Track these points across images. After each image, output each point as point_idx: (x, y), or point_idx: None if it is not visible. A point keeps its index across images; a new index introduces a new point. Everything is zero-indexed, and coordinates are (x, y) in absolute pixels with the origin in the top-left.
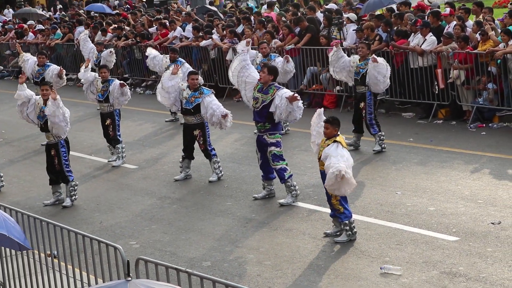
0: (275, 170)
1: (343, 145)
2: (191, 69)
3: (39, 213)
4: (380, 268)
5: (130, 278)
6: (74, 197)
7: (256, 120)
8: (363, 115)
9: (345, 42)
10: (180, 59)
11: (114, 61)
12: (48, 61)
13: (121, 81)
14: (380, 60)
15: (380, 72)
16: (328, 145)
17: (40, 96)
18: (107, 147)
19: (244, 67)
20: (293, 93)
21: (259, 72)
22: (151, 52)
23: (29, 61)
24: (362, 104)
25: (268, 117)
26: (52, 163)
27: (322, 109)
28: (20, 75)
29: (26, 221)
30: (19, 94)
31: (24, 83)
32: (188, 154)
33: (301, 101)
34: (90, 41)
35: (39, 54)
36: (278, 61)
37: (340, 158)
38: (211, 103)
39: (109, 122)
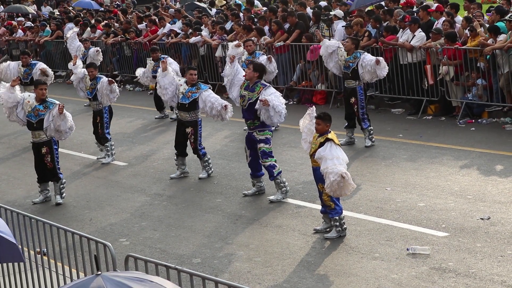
0: (264, 167)
1: (336, 142)
2: (174, 62)
3: (29, 210)
4: (407, 249)
5: (99, 272)
6: (63, 194)
7: (245, 118)
8: (355, 109)
9: (333, 39)
10: (162, 56)
11: (101, 59)
12: (31, 59)
13: (109, 78)
14: (383, 62)
15: (378, 70)
16: (321, 142)
17: (27, 93)
18: (95, 144)
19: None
20: (265, 98)
21: (244, 70)
22: (139, 72)
23: (10, 65)
24: (353, 99)
25: (256, 115)
26: (42, 161)
27: (314, 107)
28: (14, 78)
29: (16, 219)
30: (10, 96)
31: (17, 86)
32: (180, 151)
33: (278, 106)
34: (78, 39)
35: (22, 54)
36: (262, 59)
37: (336, 160)
38: (209, 97)
39: (98, 119)
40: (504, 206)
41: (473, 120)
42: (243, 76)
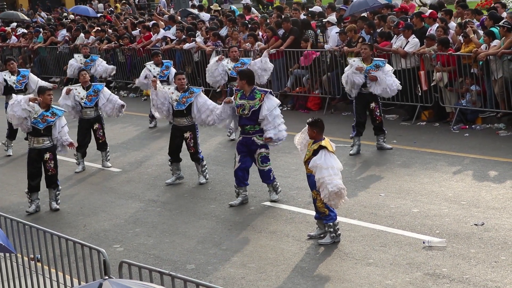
0: (263, 171)
1: (330, 149)
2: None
3: (22, 217)
4: (423, 243)
5: (106, 277)
6: (58, 201)
7: (244, 124)
8: (378, 114)
9: (326, 45)
10: (167, 62)
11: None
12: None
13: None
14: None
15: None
16: (315, 150)
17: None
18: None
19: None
20: (268, 138)
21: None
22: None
23: None
24: (373, 104)
25: (257, 120)
26: (42, 167)
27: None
28: (33, 96)
29: (9, 225)
30: (26, 109)
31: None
32: (175, 158)
33: (275, 143)
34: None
35: (7, 61)
36: (255, 62)
37: (331, 170)
38: (206, 104)
39: (97, 126)
40: (498, 212)
41: (467, 126)
42: (236, 87)
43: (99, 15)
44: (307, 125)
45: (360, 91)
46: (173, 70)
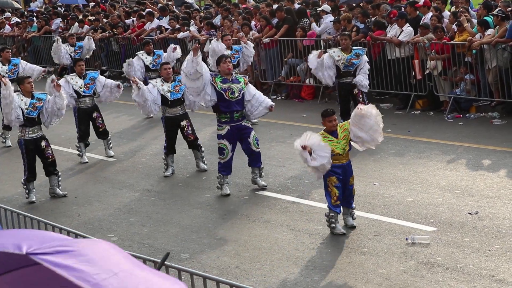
0: (258, 154)
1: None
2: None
3: (16, 206)
4: (406, 239)
5: None
6: (61, 186)
7: (234, 110)
8: (360, 100)
9: (317, 28)
10: (158, 51)
11: (94, 46)
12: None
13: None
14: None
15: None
16: (345, 128)
17: (18, 91)
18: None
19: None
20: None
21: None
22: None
23: None
24: (356, 90)
25: (244, 104)
26: (40, 156)
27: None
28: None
29: (3, 215)
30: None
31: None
32: (172, 149)
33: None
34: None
35: (2, 49)
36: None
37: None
38: None
39: (95, 114)
40: (492, 200)
41: (461, 115)
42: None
43: (92, 4)
44: (332, 117)
45: (341, 81)
46: (163, 56)
